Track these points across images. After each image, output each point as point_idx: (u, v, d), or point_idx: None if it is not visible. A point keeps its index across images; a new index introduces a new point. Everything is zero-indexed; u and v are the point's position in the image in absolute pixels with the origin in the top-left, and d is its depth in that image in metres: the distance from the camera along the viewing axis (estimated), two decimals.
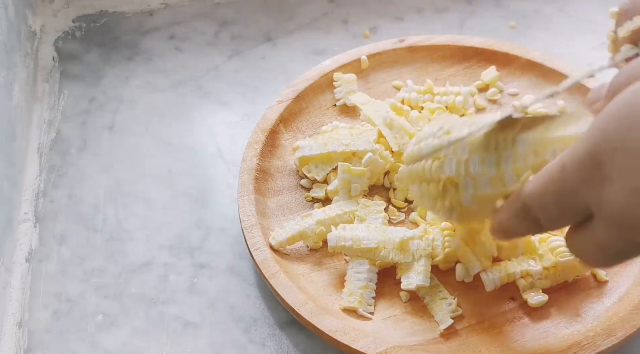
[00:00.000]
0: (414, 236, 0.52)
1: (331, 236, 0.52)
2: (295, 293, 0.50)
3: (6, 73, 0.60)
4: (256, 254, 0.52)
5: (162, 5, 0.75)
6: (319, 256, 0.54)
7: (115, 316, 0.53)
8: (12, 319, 0.53)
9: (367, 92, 0.63)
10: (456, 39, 0.66)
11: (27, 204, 0.60)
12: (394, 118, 0.58)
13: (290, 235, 0.53)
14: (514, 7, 0.74)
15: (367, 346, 0.48)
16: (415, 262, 0.52)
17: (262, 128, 0.60)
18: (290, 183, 0.58)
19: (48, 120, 0.66)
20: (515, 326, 0.50)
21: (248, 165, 0.58)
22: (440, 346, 0.49)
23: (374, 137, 0.57)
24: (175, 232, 0.58)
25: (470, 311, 0.51)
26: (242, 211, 0.55)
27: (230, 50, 0.71)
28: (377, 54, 0.66)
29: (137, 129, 0.65)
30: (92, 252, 0.57)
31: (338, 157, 0.57)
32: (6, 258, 0.55)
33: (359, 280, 0.51)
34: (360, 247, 0.51)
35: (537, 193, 0.39)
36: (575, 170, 0.36)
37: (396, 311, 0.51)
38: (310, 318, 0.49)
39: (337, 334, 0.48)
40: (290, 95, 0.62)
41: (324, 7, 0.75)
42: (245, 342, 0.52)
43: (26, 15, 0.69)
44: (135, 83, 0.69)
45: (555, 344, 0.48)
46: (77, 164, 0.63)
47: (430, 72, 0.65)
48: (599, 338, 0.48)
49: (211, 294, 0.54)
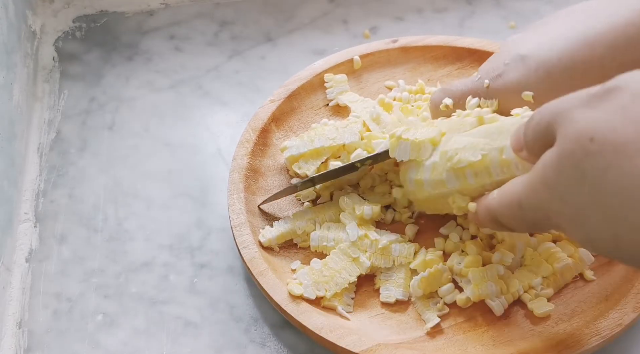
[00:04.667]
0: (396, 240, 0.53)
1: (314, 236, 0.53)
2: (283, 290, 0.51)
3: (6, 74, 0.60)
4: (244, 252, 0.53)
5: (162, 5, 0.75)
6: (308, 254, 0.54)
7: (115, 316, 0.53)
8: (12, 319, 0.53)
9: (359, 92, 0.64)
10: (449, 39, 0.66)
11: (27, 204, 0.60)
12: (380, 113, 0.58)
13: (280, 232, 0.54)
14: (514, 7, 0.74)
15: (353, 343, 0.48)
16: (395, 272, 0.52)
17: (253, 127, 0.60)
18: (281, 182, 0.59)
19: (48, 120, 0.66)
20: (501, 324, 0.50)
21: (239, 163, 0.58)
22: (426, 344, 0.49)
23: (359, 128, 0.57)
24: (175, 232, 0.58)
25: (457, 310, 0.51)
26: (232, 209, 0.55)
27: (230, 50, 0.71)
28: (370, 54, 0.65)
29: (137, 129, 0.65)
30: (92, 252, 0.57)
31: (327, 150, 0.57)
32: (6, 258, 0.55)
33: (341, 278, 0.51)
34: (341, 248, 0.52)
35: (504, 216, 0.43)
36: (531, 211, 0.40)
37: (383, 309, 0.51)
38: (296, 316, 0.49)
39: (322, 331, 0.48)
40: (282, 94, 0.62)
41: (324, 7, 0.75)
42: (245, 342, 0.52)
43: (26, 15, 0.69)
44: (135, 84, 0.69)
45: (542, 342, 0.48)
46: (77, 164, 0.63)
47: (423, 72, 0.65)
48: (584, 336, 0.48)
49: (211, 294, 0.54)
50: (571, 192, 0.36)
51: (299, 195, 0.57)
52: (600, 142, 0.34)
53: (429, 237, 0.54)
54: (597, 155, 0.34)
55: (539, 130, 0.39)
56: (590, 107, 0.36)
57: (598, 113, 0.35)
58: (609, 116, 0.34)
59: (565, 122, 0.36)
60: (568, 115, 0.36)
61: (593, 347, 0.48)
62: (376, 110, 0.59)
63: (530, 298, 0.50)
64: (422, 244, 0.54)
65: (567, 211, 0.37)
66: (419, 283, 0.51)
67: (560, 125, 0.37)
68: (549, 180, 0.37)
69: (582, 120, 0.35)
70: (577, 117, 0.36)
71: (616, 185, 0.33)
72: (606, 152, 0.34)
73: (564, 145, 0.36)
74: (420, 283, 0.51)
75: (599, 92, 0.36)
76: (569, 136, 0.36)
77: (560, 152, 0.36)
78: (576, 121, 0.36)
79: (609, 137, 0.34)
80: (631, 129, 0.33)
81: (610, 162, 0.33)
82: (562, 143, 0.36)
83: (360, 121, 0.58)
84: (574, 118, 0.36)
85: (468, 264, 0.51)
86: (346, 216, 0.53)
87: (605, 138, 0.34)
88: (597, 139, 0.34)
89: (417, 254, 0.53)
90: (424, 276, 0.51)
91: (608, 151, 0.34)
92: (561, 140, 0.36)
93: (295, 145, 0.58)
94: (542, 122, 0.39)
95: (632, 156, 0.33)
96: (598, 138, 0.34)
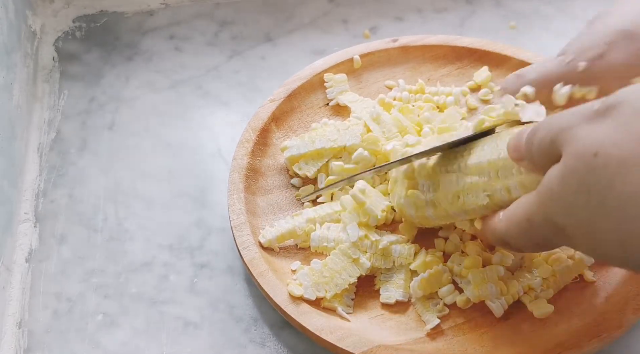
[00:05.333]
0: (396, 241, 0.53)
1: (314, 236, 0.53)
2: (283, 291, 0.51)
3: (6, 74, 0.60)
4: (244, 252, 0.53)
5: (162, 5, 0.75)
6: (308, 255, 0.54)
7: (115, 316, 0.54)
8: (12, 319, 0.53)
9: (359, 92, 0.64)
10: (449, 39, 0.66)
11: (27, 204, 0.60)
12: (380, 113, 0.58)
13: (280, 233, 0.54)
14: (514, 7, 0.74)
15: (353, 344, 0.48)
16: (394, 273, 0.52)
17: (253, 127, 0.60)
18: (281, 181, 0.59)
19: (48, 120, 0.66)
20: (500, 325, 0.50)
21: (239, 163, 0.58)
22: (427, 346, 0.49)
23: (360, 130, 0.57)
24: (175, 232, 0.58)
25: (457, 311, 0.51)
26: (232, 209, 0.55)
27: (230, 50, 0.71)
28: (369, 54, 0.66)
29: (137, 129, 0.65)
30: (92, 252, 0.57)
31: (328, 152, 0.57)
32: (6, 258, 0.55)
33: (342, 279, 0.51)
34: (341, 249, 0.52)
35: (512, 236, 0.43)
36: (540, 227, 0.40)
37: (383, 311, 0.51)
38: (296, 317, 0.49)
39: (322, 333, 0.48)
40: (282, 94, 0.62)
41: (324, 7, 0.75)
42: (245, 342, 0.52)
43: (26, 15, 0.69)
44: (135, 84, 0.69)
45: (541, 344, 0.48)
46: (77, 164, 0.63)
47: (423, 72, 0.65)
48: (583, 338, 0.48)
49: (211, 294, 0.54)
50: (578, 206, 0.36)
51: (299, 195, 0.57)
52: (604, 157, 0.35)
53: (429, 238, 0.54)
54: (601, 170, 0.35)
55: (544, 145, 0.39)
56: (593, 123, 0.36)
57: (601, 129, 0.35)
58: (611, 132, 0.35)
59: (569, 139, 0.37)
60: (572, 131, 0.37)
61: (593, 348, 0.48)
62: (376, 110, 0.59)
63: (530, 299, 0.50)
64: (422, 245, 0.54)
65: (576, 224, 0.37)
66: (419, 284, 0.51)
67: (565, 142, 0.37)
68: (556, 195, 0.38)
69: (585, 136, 0.36)
70: (581, 133, 0.36)
71: (621, 198, 0.34)
72: (610, 166, 0.34)
73: (569, 161, 0.37)
74: (420, 284, 0.51)
75: (601, 108, 0.36)
76: (573, 152, 0.36)
77: (566, 167, 0.37)
78: (580, 137, 0.36)
79: (613, 152, 0.34)
80: (634, 144, 0.34)
81: (615, 176, 0.34)
82: (567, 159, 0.37)
83: (362, 123, 0.58)
84: (578, 134, 0.36)
85: (468, 265, 0.51)
86: (347, 216, 0.53)
87: (609, 153, 0.34)
88: (601, 154, 0.35)
89: (417, 255, 0.53)
90: (424, 277, 0.51)
91: (612, 165, 0.34)
92: (566, 156, 0.37)
93: (295, 145, 0.58)
94: (547, 137, 0.39)
95: (632, 171, 0.34)
96: (602, 153, 0.35)
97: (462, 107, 0.62)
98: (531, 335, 0.49)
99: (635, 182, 0.33)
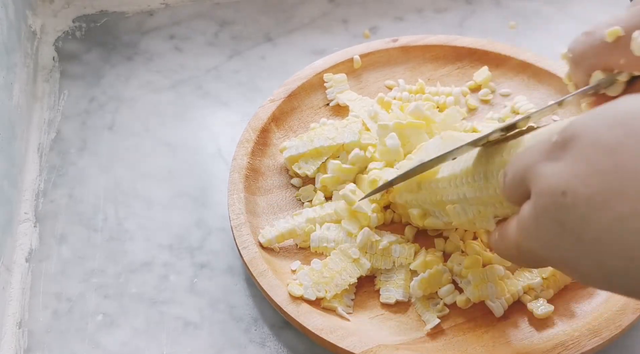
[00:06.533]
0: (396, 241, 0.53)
1: (314, 237, 0.53)
2: (283, 291, 0.51)
3: (6, 73, 0.60)
4: (244, 252, 0.53)
5: (162, 5, 0.75)
6: (308, 255, 0.54)
7: (115, 316, 0.53)
8: (12, 319, 0.53)
9: (359, 92, 0.64)
10: (449, 39, 0.66)
11: (27, 204, 0.60)
12: (378, 112, 0.58)
13: (280, 232, 0.54)
14: (514, 7, 0.74)
15: (353, 344, 0.48)
16: (395, 273, 0.52)
17: (253, 126, 0.60)
18: (281, 181, 0.59)
19: (48, 120, 0.66)
20: (501, 325, 0.50)
21: (238, 163, 0.58)
22: (426, 345, 0.49)
23: (358, 128, 0.57)
24: (175, 232, 0.58)
25: (457, 311, 0.51)
26: (232, 209, 0.55)
27: (230, 50, 0.71)
28: (370, 54, 0.66)
29: (137, 129, 0.65)
30: (92, 252, 0.57)
31: (327, 151, 0.57)
32: (6, 258, 0.55)
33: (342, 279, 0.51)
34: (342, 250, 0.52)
35: (507, 256, 0.43)
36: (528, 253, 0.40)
37: (383, 310, 0.51)
38: (297, 317, 0.49)
39: (323, 332, 0.48)
40: (282, 94, 0.62)
41: (324, 7, 0.75)
42: (245, 342, 0.52)
43: (26, 15, 0.69)
44: (135, 84, 0.69)
45: (541, 344, 0.48)
46: (77, 164, 0.63)
47: (423, 72, 0.65)
48: (584, 338, 0.48)
49: (211, 294, 0.54)
50: (555, 243, 0.36)
51: (299, 195, 0.57)
52: (572, 195, 0.34)
53: (429, 238, 0.54)
54: (571, 208, 0.34)
55: (514, 185, 0.39)
56: (554, 159, 0.36)
57: (564, 166, 0.35)
58: (574, 168, 0.34)
59: (534, 177, 0.37)
60: (535, 170, 0.37)
61: (592, 349, 0.48)
62: (374, 109, 0.59)
63: (530, 299, 0.50)
64: (422, 245, 0.54)
65: (558, 258, 0.37)
66: (419, 284, 0.51)
67: (531, 181, 0.37)
68: (533, 232, 0.38)
69: (550, 175, 0.35)
70: (545, 171, 0.36)
71: (597, 235, 0.34)
72: (580, 205, 0.34)
73: (539, 200, 0.36)
74: (421, 284, 0.51)
75: (558, 142, 0.36)
76: (541, 192, 0.36)
77: (537, 206, 0.37)
78: (545, 176, 0.36)
79: (580, 191, 0.34)
80: (598, 180, 0.33)
81: (585, 213, 0.34)
82: (537, 199, 0.37)
83: (360, 120, 0.58)
84: (542, 172, 0.36)
85: (468, 265, 0.51)
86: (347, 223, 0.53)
87: (576, 191, 0.34)
88: (569, 193, 0.34)
89: (417, 255, 0.53)
90: (424, 277, 0.51)
91: (581, 204, 0.34)
92: (535, 195, 0.37)
93: (294, 145, 0.58)
94: (516, 177, 0.39)
95: (603, 207, 0.33)
96: (570, 192, 0.34)
97: (462, 107, 0.62)
98: (531, 335, 0.49)
99: (606, 220, 0.33)
